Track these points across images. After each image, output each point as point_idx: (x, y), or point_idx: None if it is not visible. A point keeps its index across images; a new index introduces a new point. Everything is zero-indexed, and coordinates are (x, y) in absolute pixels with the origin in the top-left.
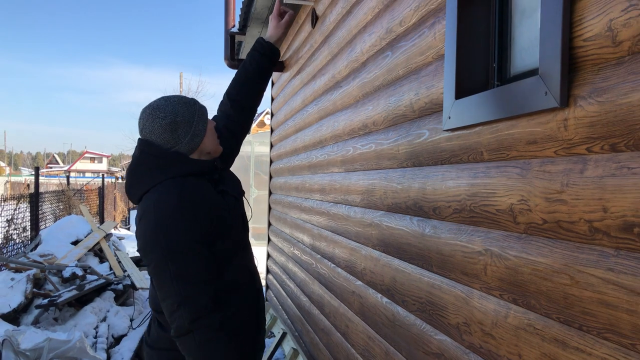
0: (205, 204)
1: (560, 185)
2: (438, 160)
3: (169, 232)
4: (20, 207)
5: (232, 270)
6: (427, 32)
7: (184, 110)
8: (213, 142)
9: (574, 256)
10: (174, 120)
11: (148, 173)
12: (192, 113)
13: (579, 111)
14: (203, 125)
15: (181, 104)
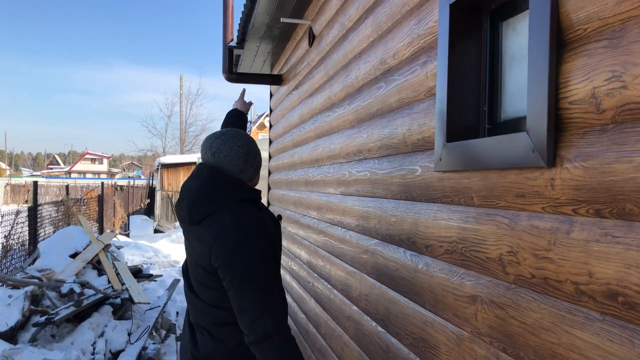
0: (269, 226)
1: (547, 242)
2: (430, 198)
3: (251, 249)
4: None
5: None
6: (419, 69)
7: (253, 143)
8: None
9: (562, 315)
10: (248, 150)
11: (219, 196)
12: (256, 146)
13: (565, 173)
14: (261, 158)
15: (248, 137)
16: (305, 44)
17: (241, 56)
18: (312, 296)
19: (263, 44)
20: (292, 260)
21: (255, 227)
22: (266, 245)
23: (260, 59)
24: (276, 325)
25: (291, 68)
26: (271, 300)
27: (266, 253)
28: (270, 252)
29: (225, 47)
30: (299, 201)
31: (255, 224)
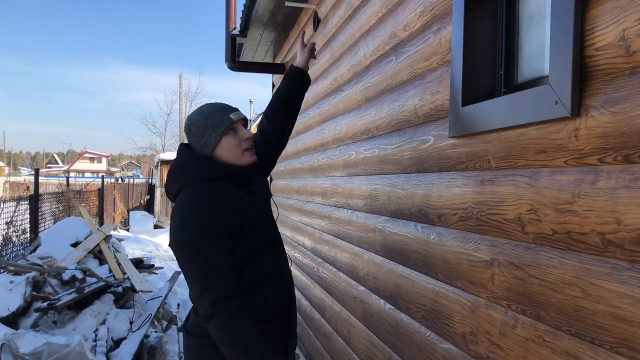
0: (229, 203)
1: (571, 195)
2: (443, 167)
3: (195, 229)
4: (19, 208)
5: (258, 265)
6: (432, 37)
7: (200, 121)
8: (231, 156)
9: (586, 268)
10: (189, 128)
11: (181, 175)
12: (206, 126)
13: (590, 121)
14: (215, 138)
15: (203, 114)
16: (309, 30)
17: (244, 45)
18: (317, 282)
19: (266, 31)
20: (295, 248)
21: (200, 206)
22: (215, 223)
23: (263, 48)
24: (215, 304)
25: (294, 56)
26: (211, 280)
27: (211, 232)
28: (221, 231)
29: (228, 35)
30: (302, 188)
31: (203, 202)
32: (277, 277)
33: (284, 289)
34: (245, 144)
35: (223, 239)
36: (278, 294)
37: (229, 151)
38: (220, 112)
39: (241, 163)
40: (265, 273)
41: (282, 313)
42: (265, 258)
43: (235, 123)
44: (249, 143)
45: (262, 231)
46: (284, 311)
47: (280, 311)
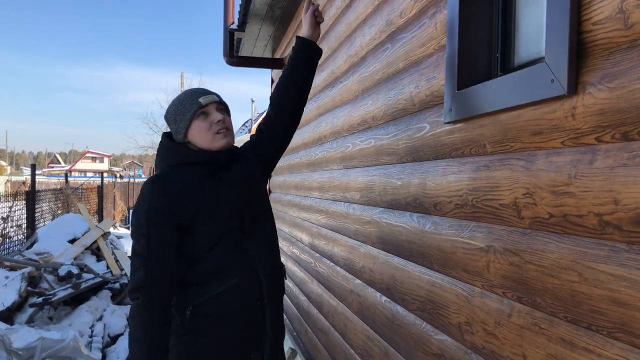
0: (182, 189)
1: (567, 177)
2: (439, 155)
3: (136, 214)
4: (16, 204)
5: (214, 256)
6: (427, 22)
7: (173, 108)
8: (202, 140)
9: (583, 252)
10: (166, 116)
11: (158, 161)
12: (176, 112)
13: (587, 98)
14: (184, 124)
15: (175, 101)
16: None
17: (242, 40)
18: (314, 277)
19: (264, 26)
20: (293, 244)
21: (148, 192)
22: (154, 210)
23: (262, 43)
24: (130, 291)
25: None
26: (135, 265)
27: (150, 218)
28: (157, 218)
29: (226, 29)
30: (300, 183)
31: (152, 188)
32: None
33: (253, 283)
34: (216, 127)
35: (160, 226)
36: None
37: (200, 135)
38: (190, 97)
39: (214, 147)
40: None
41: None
42: (227, 250)
43: (206, 107)
44: (221, 126)
45: (224, 221)
46: (247, 309)
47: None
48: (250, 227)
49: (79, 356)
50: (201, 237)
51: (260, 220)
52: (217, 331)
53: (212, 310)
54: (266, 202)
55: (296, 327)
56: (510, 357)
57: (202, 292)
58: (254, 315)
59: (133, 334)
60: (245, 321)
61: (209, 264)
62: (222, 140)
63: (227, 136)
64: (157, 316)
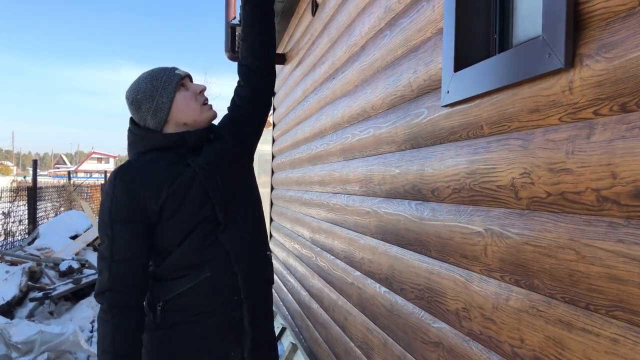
0: (150, 182)
1: (565, 153)
2: (437, 140)
3: (100, 212)
4: (18, 201)
5: (185, 250)
6: (425, 5)
7: (145, 85)
8: (190, 112)
9: (580, 229)
10: (135, 98)
11: (129, 151)
12: (153, 88)
13: (585, 71)
14: (167, 97)
15: (145, 79)
16: (308, 16)
17: None
18: (315, 271)
19: None
20: (295, 240)
21: (111, 188)
22: (118, 207)
23: None
24: (96, 295)
25: (294, 45)
26: (100, 267)
27: (114, 216)
28: (120, 216)
29: (228, 25)
30: (301, 178)
31: (111, 186)
32: (213, 264)
33: (227, 277)
34: (200, 98)
35: (125, 224)
36: (208, 289)
37: (186, 107)
38: (164, 72)
39: (202, 118)
40: (192, 262)
41: (218, 307)
42: (198, 242)
43: (183, 79)
44: (204, 97)
45: (194, 211)
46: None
47: (214, 304)
48: (224, 217)
49: (79, 350)
50: (170, 231)
51: (237, 207)
52: (191, 327)
53: (184, 305)
54: (248, 186)
55: (297, 323)
56: (508, 341)
57: (173, 287)
58: (230, 310)
59: (99, 342)
60: (222, 317)
61: (179, 258)
62: (209, 111)
63: (212, 108)
64: (124, 321)
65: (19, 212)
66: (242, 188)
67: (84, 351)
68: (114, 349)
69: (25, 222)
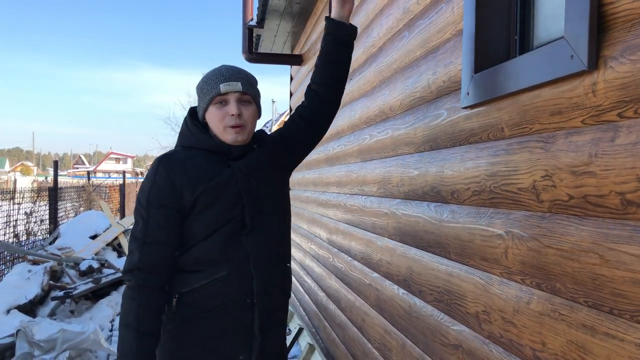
0: (190, 174)
1: (588, 156)
2: (456, 141)
3: (139, 194)
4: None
5: (208, 245)
6: (444, 7)
7: (201, 82)
8: (214, 128)
9: (604, 233)
10: (196, 87)
11: (178, 138)
12: (200, 88)
13: (609, 73)
14: (204, 104)
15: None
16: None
17: (261, 37)
18: (332, 272)
19: (283, 22)
20: (311, 240)
21: (152, 173)
22: (157, 191)
23: (281, 39)
24: (125, 272)
25: (312, 46)
26: (131, 247)
27: (151, 200)
28: (158, 200)
29: (245, 26)
30: (318, 179)
31: (150, 171)
32: (232, 264)
33: (243, 279)
34: (229, 120)
35: (161, 209)
36: (225, 288)
37: (212, 123)
38: (214, 79)
39: (224, 139)
40: (214, 256)
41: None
42: (222, 240)
43: (225, 95)
44: (234, 121)
45: (225, 209)
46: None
47: (226, 304)
48: (252, 221)
49: (99, 349)
50: (199, 224)
51: (266, 215)
52: (201, 322)
53: (198, 300)
54: (280, 198)
55: (315, 323)
56: (529, 345)
57: (190, 280)
58: (242, 313)
59: (123, 317)
60: (233, 318)
61: (201, 252)
62: (231, 135)
63: (238, 132)
64: (150, 301)
65: (40, 212)
66: (275, 198)
67: (104, 350)
68: (139, 325)
69: (47, 222)
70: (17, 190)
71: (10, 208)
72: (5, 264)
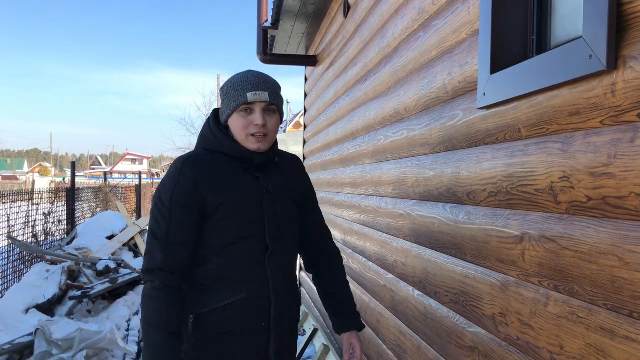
0: (215, 178)
1: (607, 157)
2: (473, 142)
3: (158, 192)
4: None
5: (227, 262)
6: (460, 7)
7: (226, 86)
8: (237, 135)
9: (623, 235)
10: (221, 90)
11: (198, 139)
12: (226, 94)
13: (629, 73)
14: (228, 110)
15: (229, 82)
16: (340, 18)
17: (276, 38)
18: (347, 273)
19: (297, 23)
20: None
21: (174, 171)
22: (179, 191)
23: (295, 40)
24: (144, 272)
25: (326, 46)
26: (152, 246)
27: (173, 199)
28: (180, 200)
29: (260, 27)
30: (333, 180)
31: (174, 169)
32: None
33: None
34: (253, 129)
35: (183, 210)
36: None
37: (235, 130)
38: (242, 86)
39: (246, 147)
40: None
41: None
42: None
43: (252, 104)
44: (258, 130)
45: (246, 224)
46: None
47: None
48: (273, 242)
49: (116, 348)
50: (217, 234)
51: (285, 239)
52: (218, 345)
53: (216, 322)
54: (295, 225)
55: (329, 324)
56: (546, 348)
57: (208, 301)
58: (258, 336)
59: (147, 317)
60: (249, 341)
61: (220, 268)
62: (255, 144)
63: (261, 141)
64: (175, 299)
65: (58, 212)
66: (291, 224)
67: (120, 349)
68: (166, 325)
69: (64, 223)
70: (35, 191)
71: (29, 209)
72: (24, 263)
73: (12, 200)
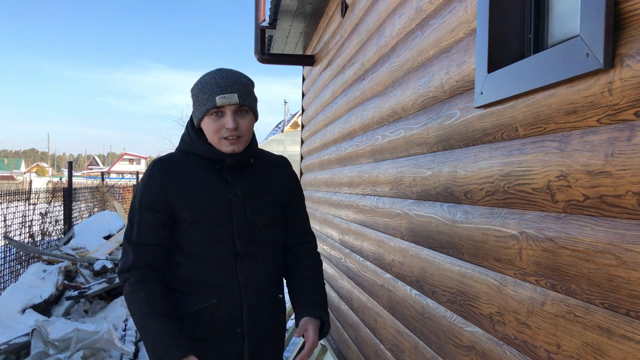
0: (184, 181)
1: (604, 156)
2: (470, 141)
3: (133, 194)
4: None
5: (197, 267)
6: (457, 6)
7: (195, 88)
8: (210, 137)
9: (620, 233)
10: (191, 91)
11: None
12: (195, 96)
13: (626, 71)
14: (199, 113)
15: (198, 84)
16: (337, 17)
17: (273, 38)
18: (344, 272)
19: (295, 22)
20: (323, 241)
21: (147, 174)
22: (150, 194)
23: (293, 40)
24: (119, 273)
25: (324, 46)
26: (124, 249)
27: (144, 201)
28: (150, 203)
29: (257, 27)
30: (330, 179)
31: (150, 172)
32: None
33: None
34: (225, 132)
35: (152, 212)
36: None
37: (207, 133)
38: (210, 89)
39: (220, 149)
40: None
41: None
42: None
43: (222, 108)
44: (230, 133)
45: (215, 229)
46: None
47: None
48: (244, 247)
49: (113, 348)
50: (187, 238)
51: (260, 245)
52: None
53: (189, 328)
54: (275, 230)
55: None
56: (543, 347)
57: (181, 305)
58: (231, 344)
59: (135, 312)
60: (222, 348)
61: (192, 272)
62: (228, 147)
63: (235, 143)
64: (153, 287)
65: (55, 212)
66: (269, 228)
67: (117, 349)
68: (154, 310)
69: (61, 222)
70: (32, 190)
71: (25, 208)
72: (21, 263)
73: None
